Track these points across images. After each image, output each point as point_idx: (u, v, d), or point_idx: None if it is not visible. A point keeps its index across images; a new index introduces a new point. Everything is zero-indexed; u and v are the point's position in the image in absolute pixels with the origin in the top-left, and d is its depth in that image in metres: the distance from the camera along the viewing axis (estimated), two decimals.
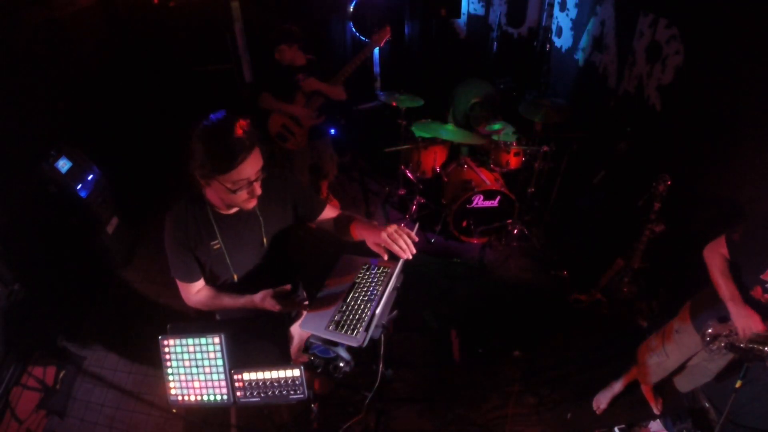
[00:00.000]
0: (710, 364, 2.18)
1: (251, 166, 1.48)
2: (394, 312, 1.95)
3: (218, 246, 1.68)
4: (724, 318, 1.83)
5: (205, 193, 1.61)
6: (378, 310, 1.68)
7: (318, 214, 1.90)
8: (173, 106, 4.59)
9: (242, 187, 1.50)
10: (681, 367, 2.32)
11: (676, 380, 2.43)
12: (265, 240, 1.77)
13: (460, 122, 4.19)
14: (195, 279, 1.74)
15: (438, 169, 3.89)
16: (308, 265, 2.23)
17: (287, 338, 1.76)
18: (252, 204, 1.59)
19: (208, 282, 1.79)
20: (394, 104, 3.70)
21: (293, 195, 1.81)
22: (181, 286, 1.75)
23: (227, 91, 4.80)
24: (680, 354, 2.20)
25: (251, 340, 1.67)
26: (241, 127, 1.44)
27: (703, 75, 2.64)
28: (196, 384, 1.62)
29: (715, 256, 1.86)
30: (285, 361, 1.64)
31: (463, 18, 5.43)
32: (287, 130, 3.42)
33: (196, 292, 1.77)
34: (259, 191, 1.57)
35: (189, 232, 1.65)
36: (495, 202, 3.60)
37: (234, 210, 1.68)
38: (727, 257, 1.83)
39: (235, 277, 1.77)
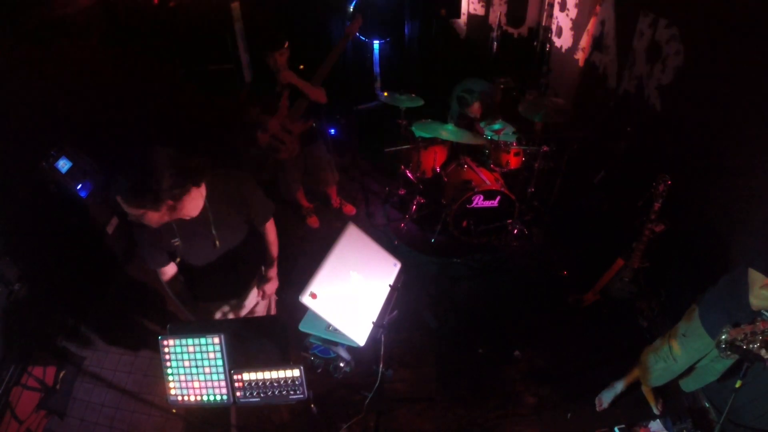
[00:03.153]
0: (717, 363, 2.18)
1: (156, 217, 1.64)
2: (394, 312, 1.95)
3: (178, 243, 1.84)
4: (738, 323, 1.83)
5: None
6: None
7: (263, 223, 2.06)
8: (172, 105, 4.60)
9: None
10: (688, 369, 2.31)
11: (681, 381, 2.42)
12: (217, 242, 1.89)
13: (457, 121, 4.18)
14: (163, 264, 1.93)
15: (438, 169, 3.89)
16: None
17: (287, 338, 1.76)
18: (178, 216, 1.71)
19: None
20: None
21: (245, 195, 1.93)
22: (157, 271, 1.96)
23: (227, 91, 4.80)
24: (689, 358, 2.19)
25: (251, 340, 1.67)
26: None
27: (703, 75, 2.64)
28: (196, 384, 1.62)
29: None
30: (285, 361, 1.64)
31: (463, 18, 5.44)
32: (277, 139, 3.32)
33: (165, 273, 1.97)
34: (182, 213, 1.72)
35: (155, 233, 1.78)
36: (495, 202, 3.60)
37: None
38: None
39: (192, 263, 1.95)
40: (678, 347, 2.18)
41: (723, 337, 1.80)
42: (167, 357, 1.62)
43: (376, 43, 5.33)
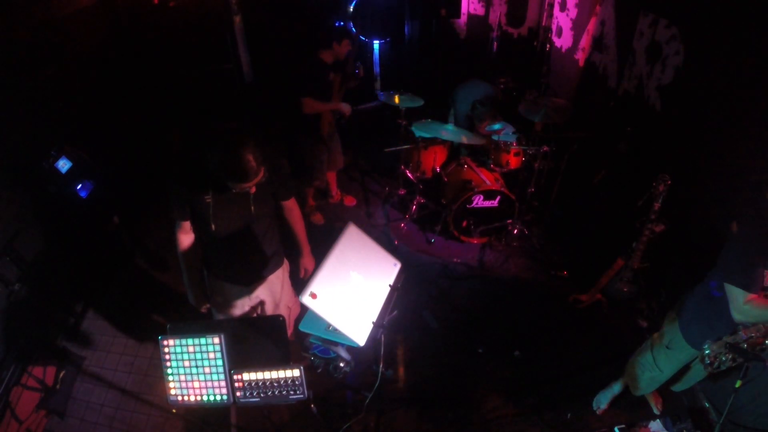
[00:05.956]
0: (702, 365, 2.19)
1: (247, 186, 1.80)
2: (394, 312, 1.95)
3: (209, 200, 1.91)
4: (719, 337, 1.84)
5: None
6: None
7: (288, 197, 2.18)
8: (172, 105, 4.60)
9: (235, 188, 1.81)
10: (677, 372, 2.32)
11: (670, 384, 2.44)
12: (253, 208, 1.98)
13: (462, 124, 4.19)
14: (184, 218, 2.01)
15: (438, 169, 3.89)
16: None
17: (287, 338, 1.76)
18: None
19: (194, 225, 2.07)
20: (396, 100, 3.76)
21: (278, 167, 2.03)
22: (176, 223, 2.04)
23: (227, 91, 4.80)
24: (674, 367, 2.22)
25: (251, 340, 1.67)
26: (250, 159, 1.71)
27: (703, 75, 2.64)
28: (196, 384, 1.62)
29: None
30: (285, 361, 1.64)
31: (463, 18, 5.43)
32: (332, 127, 3.62)
33: (184, 232, 2.06)
34: (253, 189, 1.86)
35: (191, 185, 1.90)
36: (495, 202, 3.60)
37: None
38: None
39: (213, 227, 1.97)
40: (663, 358, 2.20)
41: (706, 352, 1.82)
42: (167, 357, 1.62)
43: (376, 43, 5.32)
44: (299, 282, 2.45)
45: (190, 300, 2.23)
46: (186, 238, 2.08)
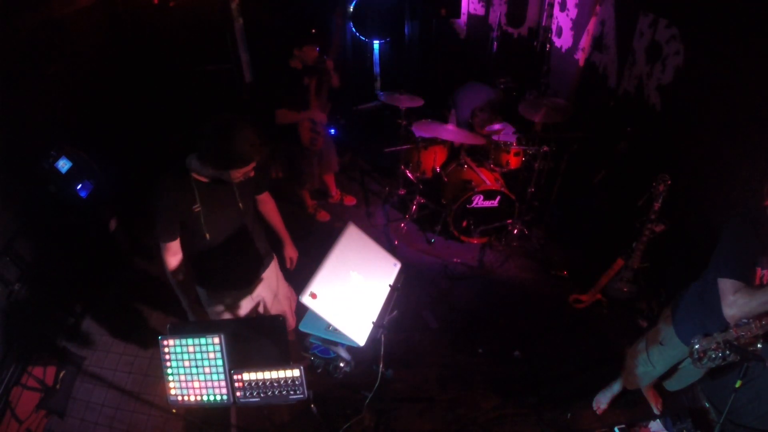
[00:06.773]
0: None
1: (249, 168, 1.80)
2: (394, 312, 1.95)
3: (198, 209, 1.88)
4: (709, 333, 1.84)
5: (190, 164, 1.84)
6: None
7: (265, 188, 2.22)
8: (172, 106, 4.60)
9: (236, 177, 1.82)
10: (672, 369, 2.32)
11: (665, 382, 2.44)
12: (241, 204, 2.01)
13: (463, 128, 4.19)
14: (174, 238, 1.93)
15: (438, 169, 3.89)
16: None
17: (287, 338, 1.76)
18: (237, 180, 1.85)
19: (185, 240, 1.98)
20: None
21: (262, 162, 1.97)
22: (164, 247, 1.94)
23: (227, 91, 4.80)
24: (666, 364, 2.22)
25: (251, 340, 1.67)
26: (250, 137, 1.71)
27: (703, 75, 2.64)
28: (196, 384, 1.62)
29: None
30: (285, 361, 1.64)
31: (463, 18, 5.44)
32: (315, 132, 3.49)
33: (173, 254, 1.97)
34: (252, 173, 1.85)
35: (177, 199, 1.85)
36: (495, 202, 3.60)
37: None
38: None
39: (207, 236, 1.96)
40: (657, 354, 2.20)
41: (695, 347, 1.81)
42: (167, 357, 1.62)
43: (376, 43, 5.33)
44: (290, 275, 2.46)
45: (191, 320, 2.19)
46: (175, 259, 1.98)
